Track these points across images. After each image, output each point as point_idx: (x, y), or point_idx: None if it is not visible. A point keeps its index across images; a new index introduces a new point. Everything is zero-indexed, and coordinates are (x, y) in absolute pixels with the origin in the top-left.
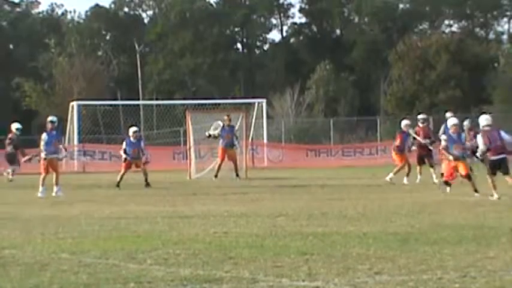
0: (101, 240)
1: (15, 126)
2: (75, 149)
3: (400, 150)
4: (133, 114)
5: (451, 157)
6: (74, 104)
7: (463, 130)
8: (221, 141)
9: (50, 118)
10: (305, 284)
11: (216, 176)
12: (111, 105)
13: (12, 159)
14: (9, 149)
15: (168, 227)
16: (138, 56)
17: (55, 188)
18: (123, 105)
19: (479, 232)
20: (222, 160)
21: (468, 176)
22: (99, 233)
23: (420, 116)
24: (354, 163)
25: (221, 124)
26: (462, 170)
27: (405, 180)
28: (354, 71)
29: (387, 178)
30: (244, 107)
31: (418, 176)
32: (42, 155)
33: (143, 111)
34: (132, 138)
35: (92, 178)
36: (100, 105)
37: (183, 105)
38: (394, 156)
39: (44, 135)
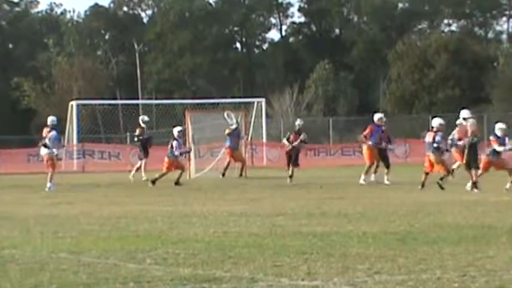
0: (101, 240)
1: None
2: (75, 148)
3: (374, 144)
4: (133, 113)
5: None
6: (73, 103)
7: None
8: (229, 142)
9: (52, 118)
10: (304, 283)
11: (223, 174)
12: (110, 104)
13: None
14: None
15: (167, 227)
16: (137, 55)
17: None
18: (122, 104)
19: (479, 231)
20: (230, 159)
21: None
22: (98, 233)
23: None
24: (353, 162)
25: (232, 115)
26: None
27: (372, 178)
28: (353, 70)
29: (372, 179)
30: (243, 106)
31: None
32: (54, 151)
33: (142, 111)
34: (179, 139)
35: (91, 177)
36: (99, 104)
37: (183, 104)
38: (366, 151)
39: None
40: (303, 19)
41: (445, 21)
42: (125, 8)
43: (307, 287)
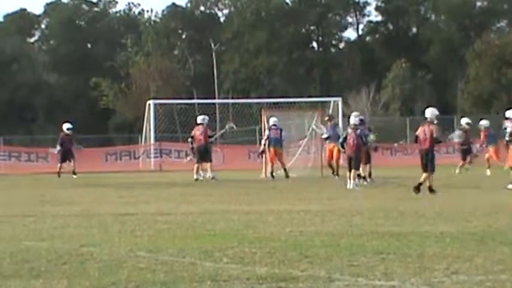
0: (177, 239)
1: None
2: (152, 147)
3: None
4: (209, 113)
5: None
6: (151, 102)
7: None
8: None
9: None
10: (381, 283)
11: (336, 174)
12: (187, 104)
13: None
14: None
15: (243, 226)
16: (214, 54)
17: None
18: (199, 104)
19: None
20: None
21: None
22: (175, 231)
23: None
24: None
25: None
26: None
27: None
28: (430, 69)
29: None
30: (319, 105)
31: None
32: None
33: (219, 110)
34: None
35: (168, 176)
36: (176, 104)
37: (259, 103)
38: None
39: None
40: (379, 18)
41: None
42: (202, 8)
43: (384, 287)
